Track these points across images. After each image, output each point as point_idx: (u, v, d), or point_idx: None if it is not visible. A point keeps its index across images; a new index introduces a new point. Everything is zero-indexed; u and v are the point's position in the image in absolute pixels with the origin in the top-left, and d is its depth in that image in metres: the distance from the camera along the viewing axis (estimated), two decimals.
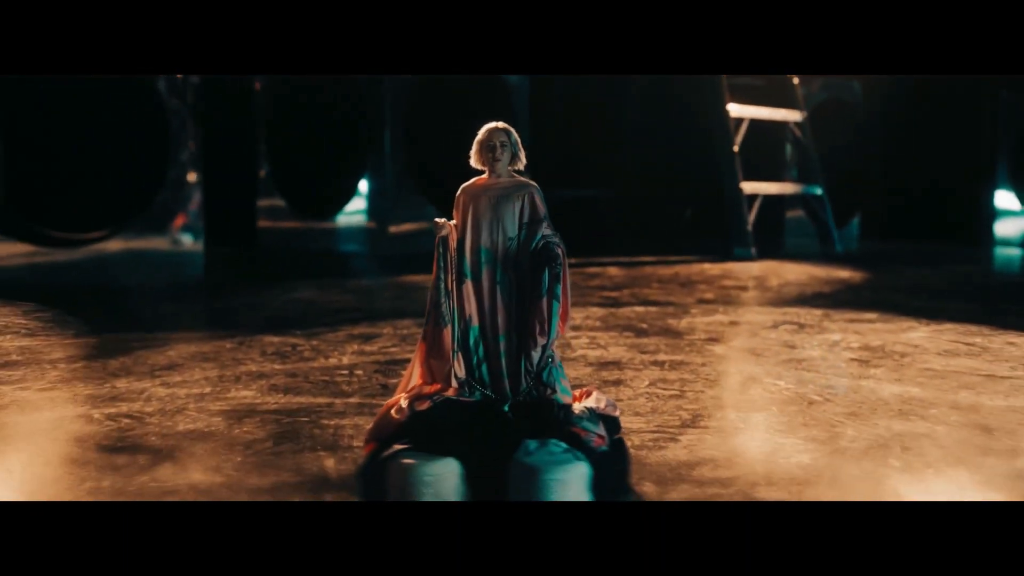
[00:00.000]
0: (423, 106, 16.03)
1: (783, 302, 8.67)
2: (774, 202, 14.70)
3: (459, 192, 4.16)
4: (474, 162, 4.12)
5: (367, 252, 15.19)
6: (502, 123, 4.08)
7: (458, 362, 4.11)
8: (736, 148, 13.09)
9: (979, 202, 15.76)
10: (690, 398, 5.03)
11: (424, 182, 16.26)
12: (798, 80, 14.45)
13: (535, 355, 4.07)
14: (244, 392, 5.15)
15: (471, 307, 4.13)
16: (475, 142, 4.10)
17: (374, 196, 19.07)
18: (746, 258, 12.47)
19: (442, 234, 4.10)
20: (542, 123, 14.64)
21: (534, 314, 4.05)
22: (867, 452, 4.07)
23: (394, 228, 17.14)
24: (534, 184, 4.13)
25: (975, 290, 10.02)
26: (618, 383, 5.34)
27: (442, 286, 4.11)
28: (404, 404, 4.05)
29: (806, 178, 14.60)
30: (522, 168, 4.15)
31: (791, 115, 14.22)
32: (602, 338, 6.73)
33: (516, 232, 4.09)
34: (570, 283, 4.18)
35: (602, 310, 8.06)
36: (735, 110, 13.29)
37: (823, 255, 13.36)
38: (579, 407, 4.11)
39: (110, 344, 6.51)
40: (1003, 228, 16.56)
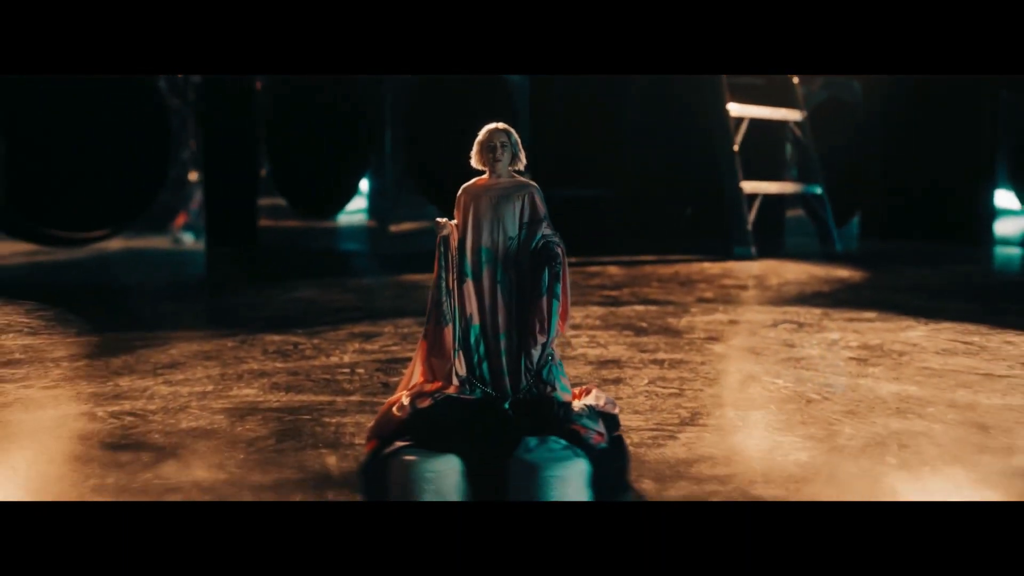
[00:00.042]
0: (424, 106, 16.07)
1: (782, 301, 8.69)
2: (774, 201, 14.71)
3: (460, 192, 4.19)
4: (475, 162, 4.15)
5: (368, 251, 15.22)
6: (502, 124, 4.12)
7: (459, 360, 4.14)
8: (736, 147, 13.11)
9: (979, 201, 15.75)
10: (689, 396, 5.06)
11: (424, 182, 16.29)
12: (798, 80, 14.47)
13: (535, 353, 4.10)
14: (246, 390, 5.19)
15: (472, 306, 4.16)
16: (476, 143, 4.13)
17: (375, 195, 19.11)
18: (746, 257, 12.48)
19: (443, 234, 4.14)
20: (542, 123, 14.65)
21: (534, 313, 4.09)
22: (864, 450, 4.10)
23: (395, 227, 17.18)
24: (534, 184, 4.17)
25: (974, 289, 10.04)
26: (618, 381, 5.37)
27: (443, 285, 4.14)
28: (406, 402, 4.09)
29: (806, 177, 14.61)
30: (522, 168, 4.19)
31: (791, 114, 14.24)
32: (602, 337, 6.76)
33: (516, 232, 4.12)
34: (570, 282, 4.22)
35: (602, 309, 8.08)
36: (735, 110, 13.31)
37: (823, 254, 13.38)
38: (579, 405, 4.14)
39: (112, 343, 6.55)
40: (1003, 227, 16.58)
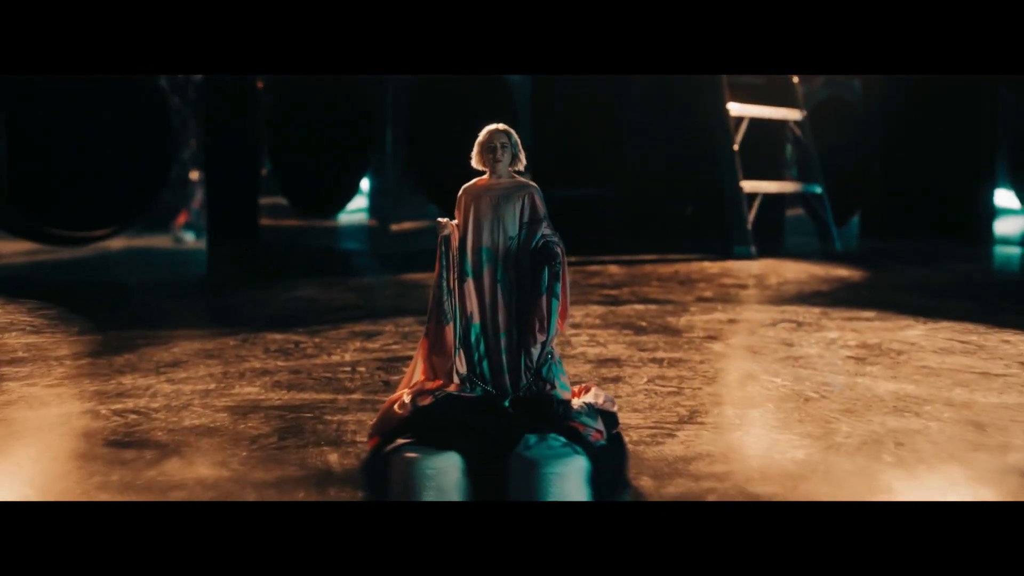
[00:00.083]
0: (424, 105, 16.10)
1: (782, 300, 8.72)
2: (774, 201, 14.74)
3: (461, 192, 4.23)
4: (475, 163, 4.19)
5: (369, 250, 15.26)
6: (503, 125, 4.16)
7: (460, 358, 4.18)
8: (736, 147, 13.14)
9: (978, 201, 15.78)
10: (688, 395, 5.09)
11: (425, 181, 16.33)
12: (798, 79, 14.50)
13: (535, 351, 4.14)
14: (248, 388, 5.22)
15: (472, 305, 4.20)
16: (476, 143, 4.17)
17: (375, 194, 19.14)
18: (746, 256, 12.51)
19: (444, 233, 4.18)
20: (543, 122, 14.69)
21: (534, 311, 4.13)
22: (861, 448, 4.14)
23: (395, 226, 17.21)
24: (534, 185, 4.21)
25: (973, 289, 10.07)
26: (617, 380, 5.40)
27: (444, 284, 4.18)
28: (407, 399, 4.13)
29: (806, 177, 14.64)
30: (522, 169, 4.23)
31: (791, 114, 14.26)
32: (602, 336, 6.80)
33: (516, 231, 4.16)
34: (569, 281, 4.26)
35: (602, 308, 8.12)
36: (735, 109, 13.34)
37: (823, 253, 13.40)
38: (578, 403, 4.18)
39: (115, 341, 6.59)
40: (1002, 227, 16.60)
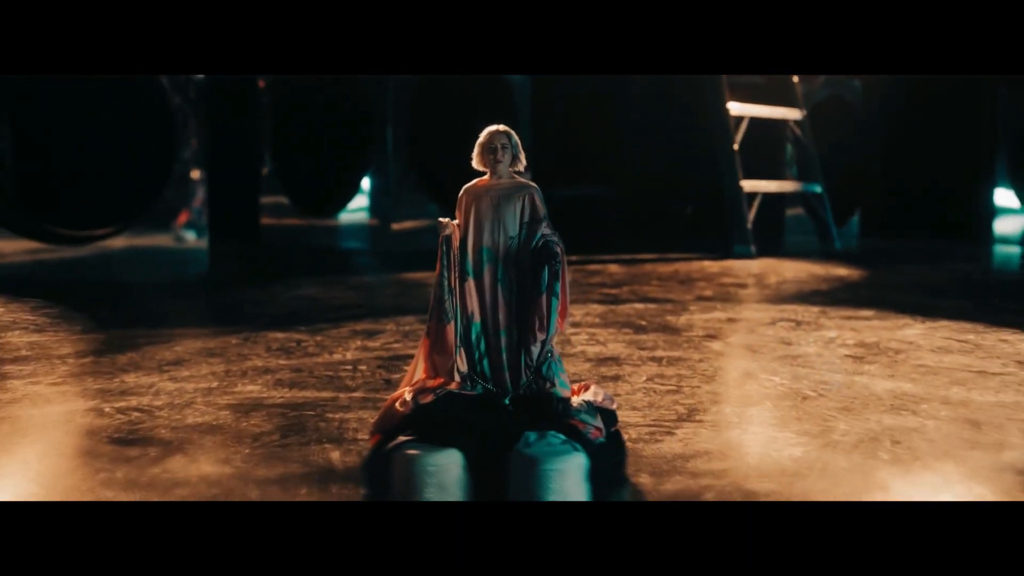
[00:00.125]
0: (424, 105, 16.14)
1: (781, 299, 8.76)
2: (774, 200, 14.78)
3: (461, 193, 4.27)
4: (476, 164, 4.24)
5: (369, 249, 15.30)
6: (503, 126, 4.20)
7: (460, 357, 4.23)
8: (736, 146, 13.18)
9: (978, 200, 15.82)
10: (686, 393, 5.13)
11: (425, 181, 16.38)
12: (798, 79, 14.53)
13: (535, 350, 4.18)
14: (250, 386, 5.26)
15: (473, 304, 4.25)
16: (477, 144, 4.21)
17: (376, 194, 19.20)
18: (746, 256, 12.55)
19: (445, 233, 4.22)
20: (543, 122, 14.73)
21: (534, 310, 4.17)
22: (857, 445, 4.17)
23: (396, 225, 17.26)
24: (534, 185, 4.25)
25: (973, 288, 10.11)
26: (616, 378, 5.44)
27: (445, 283, 4.22)
28: (408, 397, 4.17)
29: (806, 176, 14.68)
30: (522, 169, 4.27)
31: (791, 113, 14.30)
32: (601, 334, 6.84)
33: (517, 231, 4.21)
34: (569, 281, 4.31)
35: (602, 307, 8.16)
36: (735, 108, 13.37)
37: (822, 253, 13.44)
38: (577, 400, 4.23)
39: (117, 340, 6.63)
40: (1002, 226, 16.66)
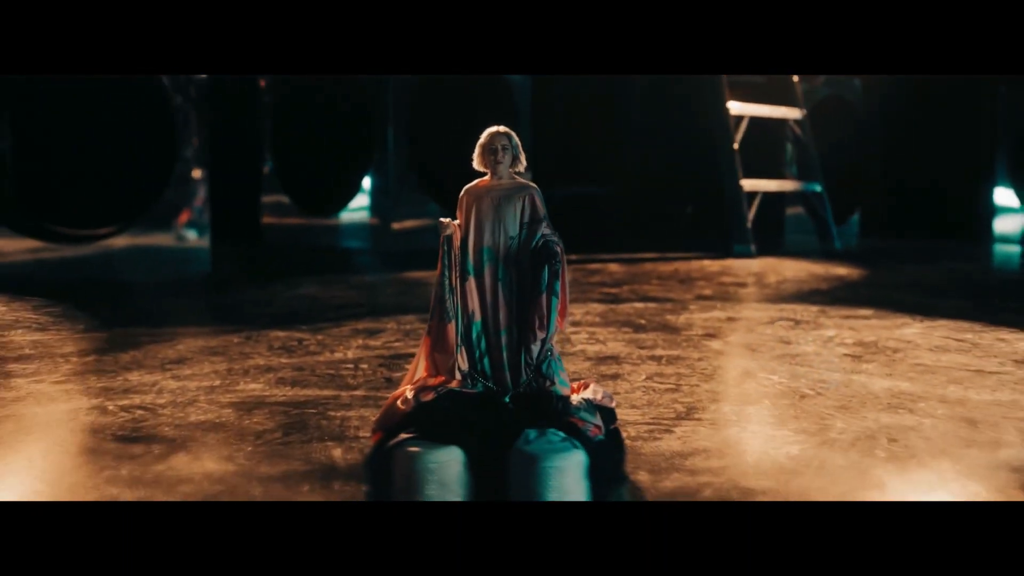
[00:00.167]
0: (425, 105, 16.17)
1: (781, 298, 8.80)
2: (774, 199, 14.81)
3: (462, 193, 4.32)
4: (476, 164, 4.28)
5: (370, 248, 15.33)
6: (503, 127, 4.24)
7: (461, 355, 4.27)
8: (736, 145, 13.21)
9: (978, 199, 15.84)
10: (685, 391, 5.17)
11: (426, 180, 16.40)
12: (798, 78, 14.56)
13: (535, 348, 4.22)
14: (253, 385, 5.30)
15: (474, 303, 4.29)
16: (477, 145, 4.26)
17: (377, 193, 19.22)
18: (746, 255, 12.58)
19: (446, 233, 4.26)
20: (544, 122, 14.76)
21: (534, 309, 4.21)
22: (855, 443, 4.21)
23: (397, 225, 17.29)
24: (534, 186, 4.30)
25: (972, 287, 10.13)
26: (616, 377, 5.48)
27: (446, 283, 4.26)
28: (410, 395, 4.21)
29: (806, 175, 14.71)
30: (522, 170, 4.31)
31: (791, 112, 14.33)
32: (601, 333, 6.87)
33: (517, 232, 4.25)
34: (569, 280, 4.35)
35: (602, 306, 8.20)
36: (735, 108, 13.40)
37: (822, 252, 13.47)
38: (577, 398, 4.27)
39: (120, 338, 6.67)
40: (1002, 225, 16.67)
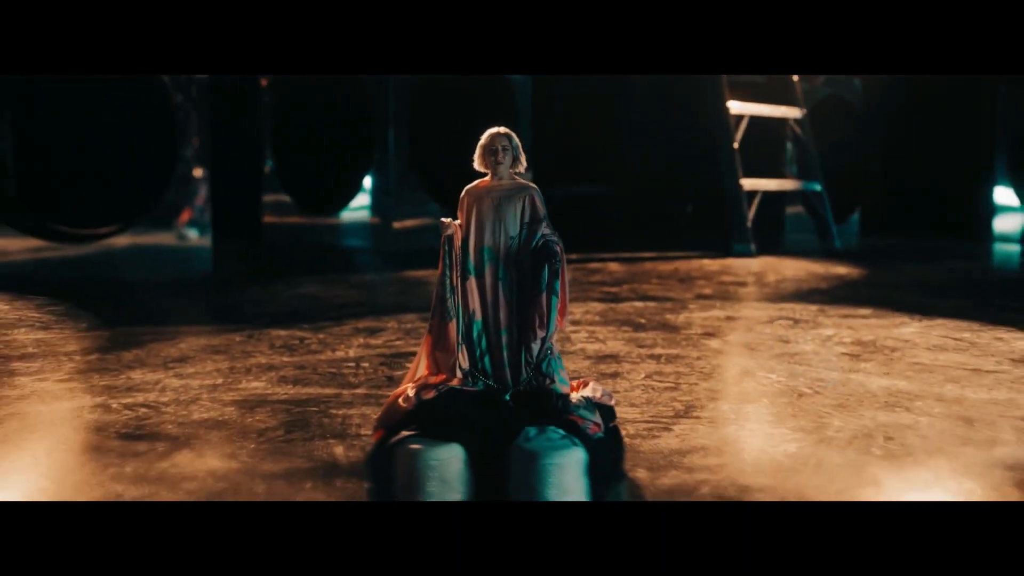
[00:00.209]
0: (425, 105, 16.19)
1: (780, 298, 8.83)
2: (774, 198, 14.85)
3: (463, 194, 4.36)
4: (477, 165, 4.32)
5: (371, 248, 15.37)
6: (504, 128, 4.28)
7: (462, 354, 4.31)
8: (736, 145, 13.24)
9: (978, 198, 15.88)
10: (684, 390, 5.20)
11: (426, 180, 16.43)
12: (798, 78, 14.59)
13: (535, 347, 4.26)
14: (255, 383, 5.34)
15: (474, 302, 4.32)
16: (478, 146, 4.30)
17: (378, 192, 19.24)
18: (746, 254, 12.61)
19: (447, 233, 4.30)
20: (544, 121, 14.80)
21: (534, 309, 4.25)
22: (851, 442, 4.25)
23: (397, 224, 17.32)
24: (534, 186, 4.33)
25: (971, 286, 10.16)
26: (615, 375, 5.52)
27: (447, 282, 4.30)
28: (411, 393, 4.25)
29: (806, 175, 14.74)
30: (523, 171, 4.35)
31: (791, 112, 14.36)
32: (601, 332, 6.91)
33: (517, 232, 4.29)
34: (569, 279, 4.39)
35: (602, 305, 8.23)
36: (735, 107, 13.43)
37: (822, 251, 13.50)
38: (576, 396, 4.30)
39: (122, 337, 6.70)
40: (1002, 224, 16.69)
